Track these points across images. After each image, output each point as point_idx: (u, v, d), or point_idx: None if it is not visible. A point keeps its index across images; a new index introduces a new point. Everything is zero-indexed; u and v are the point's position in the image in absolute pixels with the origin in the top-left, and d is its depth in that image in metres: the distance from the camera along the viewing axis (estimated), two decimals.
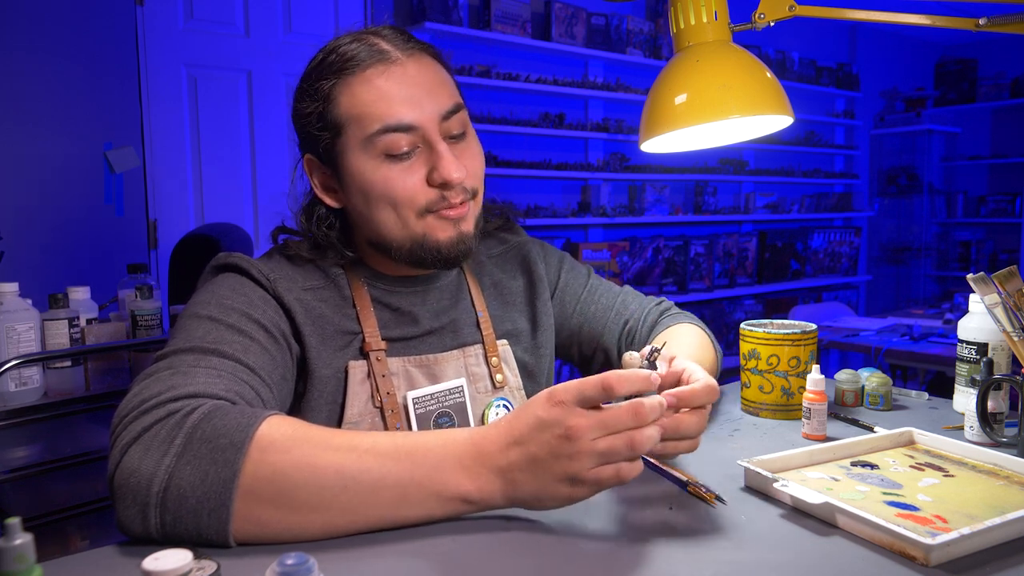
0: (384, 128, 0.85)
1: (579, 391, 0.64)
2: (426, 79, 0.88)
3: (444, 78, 0.92)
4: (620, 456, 0.64)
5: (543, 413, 0.64)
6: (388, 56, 0.87)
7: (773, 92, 0.90)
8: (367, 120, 0.86)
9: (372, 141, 0.86)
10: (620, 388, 0.64)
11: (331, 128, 0.88)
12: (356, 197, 0.90)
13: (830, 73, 5.00)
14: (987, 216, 5.70)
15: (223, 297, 0.83)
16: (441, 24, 3.10)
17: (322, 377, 0.89)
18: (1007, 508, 0.72)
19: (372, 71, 0.86)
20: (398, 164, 0.87)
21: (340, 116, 0.87)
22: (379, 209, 0.89)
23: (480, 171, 0.95)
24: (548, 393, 0.65)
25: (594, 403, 0.64)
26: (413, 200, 0.88)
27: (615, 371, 0.64)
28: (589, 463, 0.64)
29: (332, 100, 0.87)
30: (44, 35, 2.49)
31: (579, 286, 1.14)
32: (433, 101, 0.88)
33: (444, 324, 0.99)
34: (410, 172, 0.87)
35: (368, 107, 0.86)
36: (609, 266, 3.77)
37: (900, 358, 2.92)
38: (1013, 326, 0.96)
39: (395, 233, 0.90)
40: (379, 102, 0.86)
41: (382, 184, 0.87)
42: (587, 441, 0.63)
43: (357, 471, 0.65)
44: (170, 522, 0.63)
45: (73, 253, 2.59)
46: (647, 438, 0.64)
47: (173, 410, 0.67)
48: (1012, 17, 0.88)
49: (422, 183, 0.88)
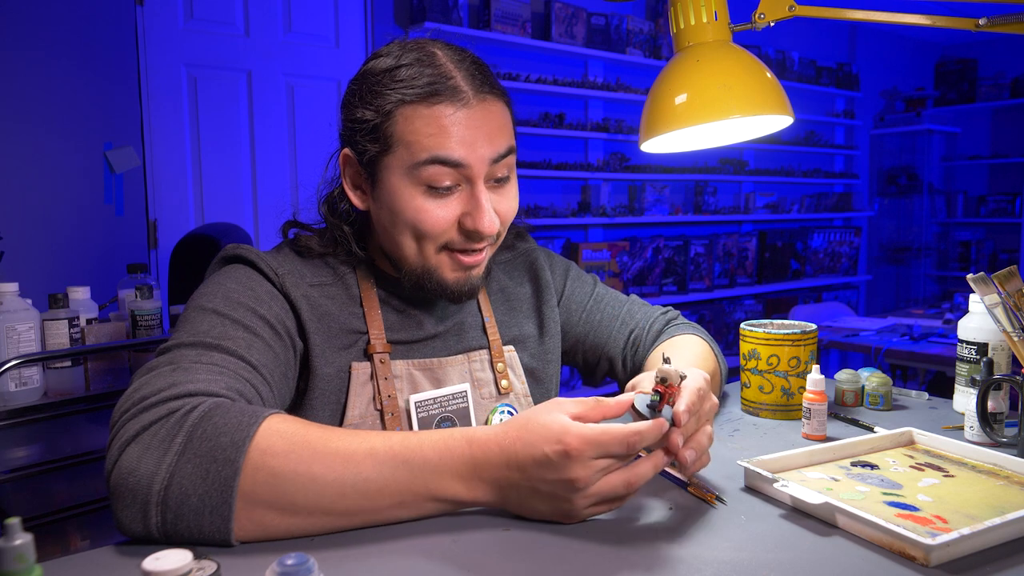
0: (432, 159, 0.84)
1: (602, 447, 0.65)
2: (489, 124, 0.87)
3: (506, 123, 0.90)
4: (616, 495, 0.68)
5: (552, 454, 0.65)
6: (461, 98, 0.85)
7: (773, 92, 0.90)
8: (418, 149, 0.84)
9: (417, 169, 0.85)
10: (640, 446, 0.67)
11: (382, 143, 0.86)
12: (384, 212, 0.89)
13: (830, 73, 5.00)
14: (987, 216, 5.70)
15: (230, 291, 0.83)
16: (441, 24, 3.10)
17: (324, 375, 0.89)
18: (1007, 508, 0.72)
19: (441, 108, 0.84)
20: (435, 198, 0.86)
21: (394, 136, 0.85)
22: (403, 233, 0.88)
23: (511, 216, 0.93)
24: (560, 433, 0.65)
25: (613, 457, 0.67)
26: (438, 236, 0.88)
27: (635, 426, 0.67)
28: (586, 504, 0.67)
29: (391, 118, 0.85)
30: (44, 35, 2.49)
31: (585, 295, 1.14)
32: (489, 145, 0.86)
33: (449, 328, 0.99)
34: (444, 208, 0.87)
35: (424, 138, 0.84)
36: (609, 266, 3.77)
37: (900, 358, 2.92)
38: (1013, 326, 0.96)
39: (410, 259, 0.90)
40: (437, 136, 0.84)
41: (413, 212, 0.86)
42: (589, 487, 0.66)
43: (355, 479, 0.66)
44: (171, 520, 0.63)
45: (73, 253, 2.59)
46: (641, 477, 0.68)
47: (173, 408, 0.67)
48: (1012, 17, 0.88)
49: (452, 222, 0.87)
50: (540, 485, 0.66)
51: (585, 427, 0.65)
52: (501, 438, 0.68)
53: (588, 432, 0.65)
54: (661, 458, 0.70)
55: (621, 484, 0.67)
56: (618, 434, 0.65)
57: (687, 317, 1.49)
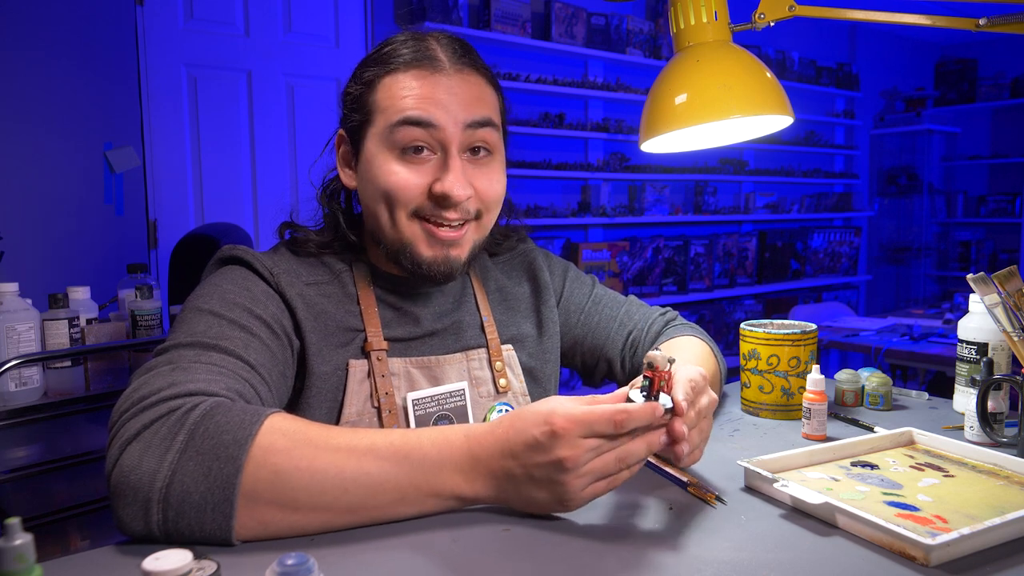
0: (404, 119, 0.86)
1: (587, 425, 0.65)
2: (465, 91, 0.88)
3: (485, 95, 0.91)
4: (611, 472, 0.67)
5: (540, 436, 0.65)
6: (437, 64, 0.88)
7: (773, 92, 0.90)
8: (392, 112, 0.87)
9: (392, 132, 0.87)
10: (629, 425, 0.66)
11: (362, 112, 0.90)
12: (364, 183, 0.92)
13: (830, 73, 5.00)
14: (987, 216, 5.70)
15: (226, 291, 0.84)
16: (441, 24, 3.10)
17: (321, 374, 0.89)
18: (1007, 508, 0.72)
19: (416, 71, 0.87)
20: (408, 163, 0.87)
21: (373, 103, 0.89)
22: (378, 202, 0.90)
23: (493, 197, 0.93)
24: (547, 414, 0.66)
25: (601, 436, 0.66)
26: (408, 200, 0.88)
27: (624, 406, 0.66)
28: (581, 485, 0.67)
29: (371, 87, 0.89)
30: (44, 35, 2.49)
31: (583, 296, 1.14)
32: (463, 109, 0.87)
33: (447, 326, 0.99)
34: (416, 174, 0.87)
35: (398, 100, 0.87)
36: (609, 266, 3.77)
37: (900, 358, 2.92)
38: (1013, 326, 0.96)
39: (386, 231, 0.91)
40: (409, 97, 0.86)
41: (385, 176, 0.88)
42: (580, 467, 0.66)
43: (356, 474, 0.66)
44: (172, 518, 0.63)
45: (73, 253, 2.59)
46: (634, 454, 0.67)
47: (174, 407, 0.67)
48: (1012, 17, 0.88)
49: (423, 188, 0.88)
50: (534, 470, 0.66)
51: (573, 407, 0.66)
52: (496, 428, 0.69)
53: (575, 411, 0.65)
54: (655, 437, 0.69)
55: (612, 460, 0.67)
56: (604, 412, 0.65)
57: (687, 317, 1.49)
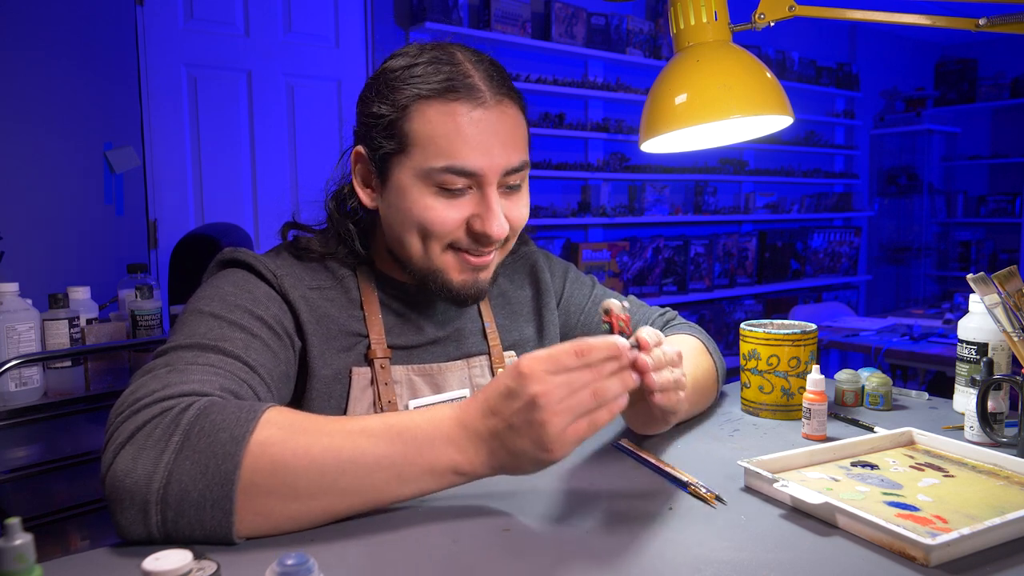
0: (447, 168, 0.84)
1: (553, 360, 0.66)
2: (505, 131, 0.86)
3: (522, 132, 0.90)
4: (589, 408, 0.67)
5: (510, 382, 0.67)
6: (476, 95, 0.84)
7: (773, 92, 0.90)
8: (435, 153, 0.84)
9: (431, 174, 0.84)
10: (592, 355, 0.66)
11: (398, 140, 0.86)
12: (392, 210, 0.89)
13: (830, 73, 5.00)
14: (987, 216, 5.70)
15: (227, 293, 0.83)
16: (441, 24, 3.10)
17: (323, 377, 0.89)
18: (1007, 508, 0.72)
19: (458, 105, 0.84)
20: (446, 199, 0.86)
21: (410, 134, 0.85)
22: (410, 231, 0.88)
23: (521, 224, 0.93)
24: (516, 363, 0.67)
25: (568, 370, 0.66)
26: (445, 235, 0.87)
27: (585, 339, 0.67)
28: (560, 424, 0.66)
29: (407, 114, 0.85)
30: (44, 35, 2.49)
31: (583, 297, 1.14)
32: (504, 154, 0.86)
33: (449, 333, 0.99)
34: (454, 209, 0.86)
35: (440, 141, 0.84)
36: (609, 266, 3.77)
37: (900, 358, 2.92)
38: (1013, 326, 0.96)
39: (416, 258, 0.90)
40: (454, 141, 0.83)
41: (422, 211, 0.86)
42: (555, 404, 0.65)
43: (352, 454, 0.66)
44: (172, 519, 0.63)
45: (73, 253, 2.59)
46: (610, 390, 0.68)
47: (167, 408, 0.67)
48: (1012, 17, 0.88)
49: (461, 223, 0.87)
50: (512, 419, 0.66)
51: (538, 351, 0.67)
52: (478, 394, 0.70)
53: (538, 352, 0.67)
54: (628, 375, 0.70)
55: (588, 395, 0.66)
56: (565, 345, 0.67)
57: (687, 317, 1.49)
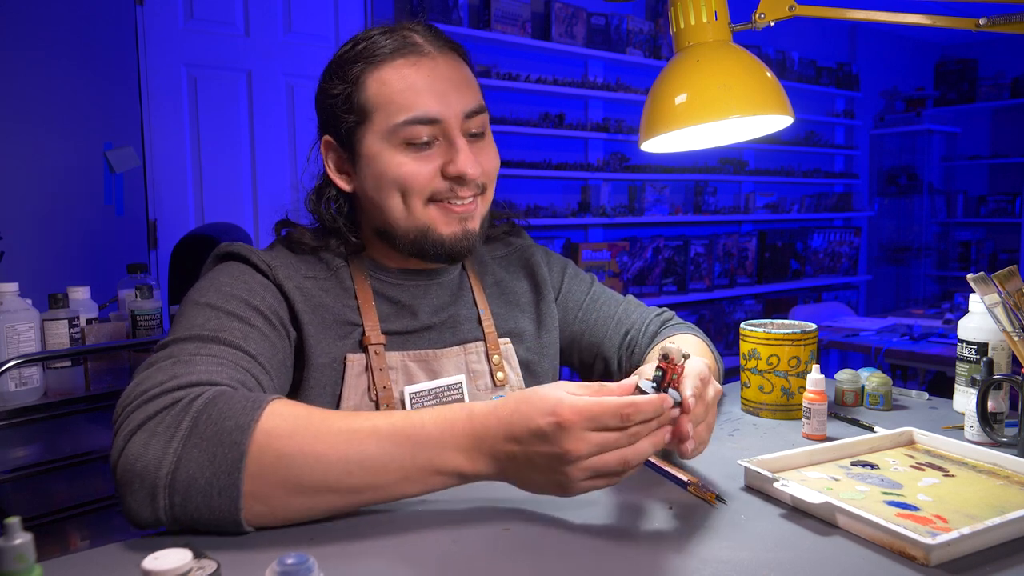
0: (410, 120, 0.87)
1: (595, 419, 0.64)
2: (454, 76, 0.91)
3: (470, 78, 0.94)
4: (614, 472, 0.66)
5: (545, 426, 0.64)
6: (420, 49, 0.90)
7: (773, 92, 0.90)
8: (394, 109, 0.87)
9: (396, 130, 0.88)
10: (636, 418, 0.65)
11: (357, 111, 0.90)
12: (368, 181, 0.91)
13: (830, 73, 5.00)
14: (987, 216, 5.70)
15: (222, 284, 0.85)
16: (441, 24, 3.07)
17: (319, 365, 0.89)
18: (1007, 508, 0.72)
19: (403, 61, 0.89)
20: (415, 153, 0.89)
21: (367, 101, 0.89)
22: (388, 194, 0.90)
23: (493, 171, 0.96)
24: (555, 404, 0.64)
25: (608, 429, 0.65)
26: (423, 187, 0.89)
27: (630, 398, 0.66)
28: (582, 477, 0.66)
29: (361, 85, 0.89)
30: (44, 35, 2.49)
31: (581, 293, 1.15)
32: (459, 98, 0.90)
33: (444, 320, 0.99)
34: (425, 161, 0.89)
35: (396, 96, 0.88)
36: (609, 266, 3.77)
37: (900, 358, 2.92)
38: (1013, 326, 0.96)
39: (401, 221, 0.91)
40: (407, 92, 0.87)
41: (395, 169, 0.89)
42: (583, 461, 0.65)
43: (360, 457, 0.66)
44: (179, 504, 0.64)
45: (73, 253, 2.59)
46: (639, 455, 0.66)
47: (177, 398, 0.68)
48: (1012, 17, 0.88)
49: (435, 173, 0.90)
50: (536, 458, 0.66)
51: (580, 399, 0.64)
52: (500, 411, 0.68)
53: (581, 404, 0.64)
54: (661, 436, 0.68)
55: (616, 460, 0.65)
56: (612, 405, 0.64)
57: (687, 317, 1.49)
